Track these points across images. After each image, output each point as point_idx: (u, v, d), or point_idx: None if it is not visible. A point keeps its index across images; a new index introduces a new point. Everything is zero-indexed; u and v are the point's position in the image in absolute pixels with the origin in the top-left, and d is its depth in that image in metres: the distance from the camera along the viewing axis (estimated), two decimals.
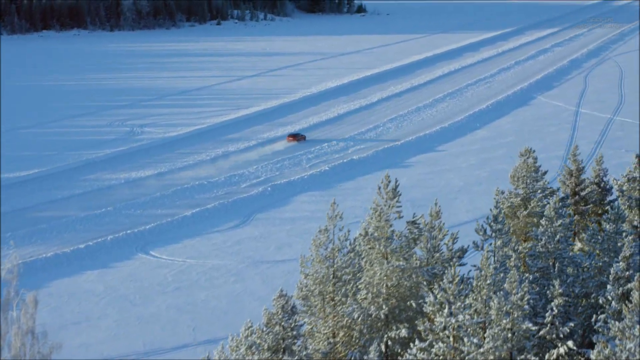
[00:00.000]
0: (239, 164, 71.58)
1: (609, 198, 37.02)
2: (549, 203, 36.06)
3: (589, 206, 36.11)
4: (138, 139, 79.72)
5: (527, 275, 27.73)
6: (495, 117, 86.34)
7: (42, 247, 51.01)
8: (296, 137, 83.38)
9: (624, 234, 28.44)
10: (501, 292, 23.51)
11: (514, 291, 23.42)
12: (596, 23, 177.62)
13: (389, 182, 26.86)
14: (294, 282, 29.68)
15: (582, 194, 36.04)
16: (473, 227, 55.55)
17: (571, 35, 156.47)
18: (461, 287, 23.95)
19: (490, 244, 26.42)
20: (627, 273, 24.52)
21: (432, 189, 62.91)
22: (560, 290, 25.12)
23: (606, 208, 36.71)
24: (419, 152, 73.60)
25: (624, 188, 33.89)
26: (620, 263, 25.07)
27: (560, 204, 29.09)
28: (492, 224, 26.97)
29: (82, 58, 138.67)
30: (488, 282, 23.69)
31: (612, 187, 36.30)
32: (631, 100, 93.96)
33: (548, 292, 26.16)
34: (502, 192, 36.42)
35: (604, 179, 36.91)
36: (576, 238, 34.73)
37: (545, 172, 35.95)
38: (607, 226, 28.53)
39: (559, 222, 28.22)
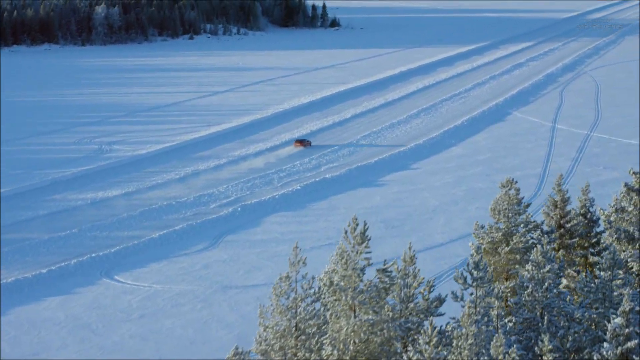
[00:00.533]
0: (209, 183, 69.45)
1: (596, 229, 35.26)
2: (532, 239, 34.36)
3: (574, 239, 34.37)
4: (106, 157, 77.45)
5: (511, 324, 26.20)
6: (471, 134, 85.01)
7: (3, 272, 48.86)
8: (302, 142, 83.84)
9: (619, 281, 26.05)
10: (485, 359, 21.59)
11: (499, 357, 21.46)
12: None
13: (357, 225, 24.13)
14: (265, 308, 27.93)
15: (568, 226, 34.31)
16: (449, 249, 55.23)
17: (546, 49, 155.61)
18: (439, 348, 21.48)
19: (471, 294, 24.17)
20: (627, 330, 22.50)
21: (407, 208, 61.40)
22: (549, 347, 23.08)
23: (593, 241, 35.17)
24: (393, 170, 71.95)
25: (612, 219, 32.17)
26: (619, 318, 22.75)
27: (548, 247, 27.14)
28: (472, 271, 24.02)
29: (52, 73, 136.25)
30: (469, 341, 21.43)
31: (599, 218, 34.45)
32: (607, 115, 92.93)
33: (536, 347, 23.87)
34: (482, 227, 34.65)
35: (590, 209, 35.15)
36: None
37: (528, 205, 34.24)
38: (602, 273, 26.46)
39: (547, 267, 26.17)
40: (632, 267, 30.78)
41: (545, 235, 33.49)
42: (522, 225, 33.28)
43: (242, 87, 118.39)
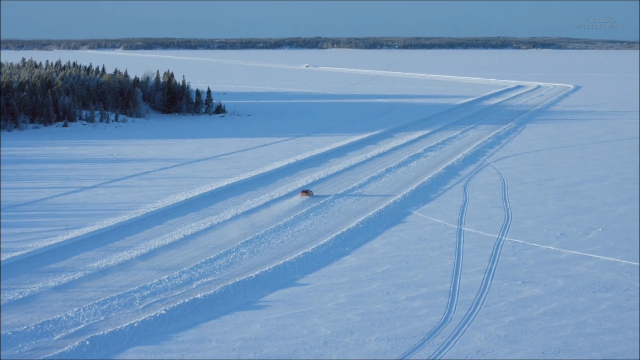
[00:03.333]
0: (57, 305, 57.97)
1: None
2: None
3: None
4: None
5: None
6: (367, 239, 74.67)
7: None
8: (307, 192, 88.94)
9: None
10: None
11: None
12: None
13: None
14: None
15: None
16: None
17: (444, 137, 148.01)
18: None
19: None
20: None
21: (293, 340, 50.54)
22: None
23: None
24: (277, 286, 61.25)
25: None
26: None
27: None
28: None
29: None
30: None
31: None
32: (519, 215, 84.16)
33: None
34: None
35: None
36: None
37: None
38: None
39: None
40: None
41: None
42: None
43: (113, 182, 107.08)
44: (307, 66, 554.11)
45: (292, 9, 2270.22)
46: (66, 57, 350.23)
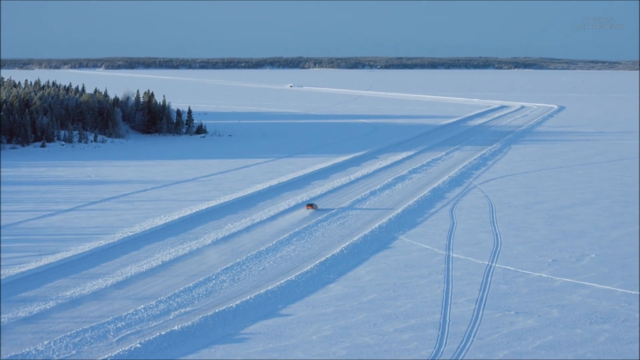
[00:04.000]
0: (26, 338, 54.49)
1: None
2: None
3: None
4: None
5: None
6: (353, 265, 71.71)
7: None
8: (312, 205, 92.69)
9: None
10: None
11: None
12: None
13: None
14: None
15: None
16: None
17: (429, 159, 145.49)
18: None
19: None
20: None
21: None
22: None
23: None
24: (259, 317, 58.17)
25: None
26: None
27: None
28: None
29: None
30: None
31: None
32: (508, 241, 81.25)
33: None
34: None
35: None
36: None
37: None
38: None
39: None
40: None
41: None
42: None
43: (90, 205, 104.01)
44: (291, 86, 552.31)
45: (274, 28, 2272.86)
46: (47, 76, 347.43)
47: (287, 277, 68.29)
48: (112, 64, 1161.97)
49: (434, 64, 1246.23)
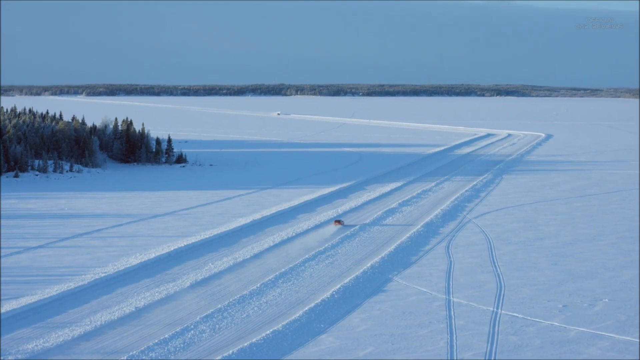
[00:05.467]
0: None
1: None
2: None
3: None
4: None
5: None
6: (345, 312, 64.99)
7: None
8: (340, 221, 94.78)
9: None
10: None
11: None
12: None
13: None
14: None
15: None
16: None
17: (418, 190, 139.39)
18: None
19: None
20: None
21: None
22: None
23: None
24: None
25: None
26: None
27: None
28: None
29: None
30: None
31: None
32: (512, 283, 74.63)
33: None
34: None
35: None
36: None
37: None
38: None
39: None
40: None
41: None
42: None
43: (61, 241, 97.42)
44: (278, 114, 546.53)
45: (255, 55, 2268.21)
46: (26, 103, 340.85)
47: (273, 326, 61.51)
48: (93, 90, 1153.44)
49: (415, 91, 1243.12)
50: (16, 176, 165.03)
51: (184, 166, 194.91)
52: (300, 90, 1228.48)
